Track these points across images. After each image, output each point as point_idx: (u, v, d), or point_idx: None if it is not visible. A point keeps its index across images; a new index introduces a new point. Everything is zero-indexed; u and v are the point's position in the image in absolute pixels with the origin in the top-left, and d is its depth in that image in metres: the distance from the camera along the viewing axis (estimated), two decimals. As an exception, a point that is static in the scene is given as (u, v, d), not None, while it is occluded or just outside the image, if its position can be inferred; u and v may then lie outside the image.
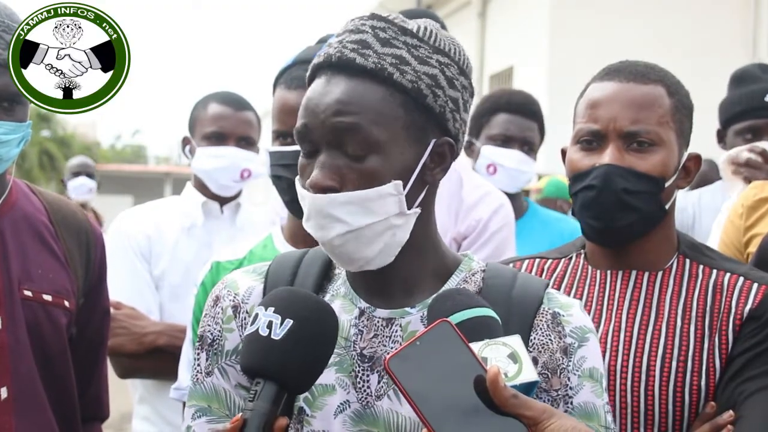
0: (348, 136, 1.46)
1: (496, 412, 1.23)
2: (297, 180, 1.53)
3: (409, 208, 1.50)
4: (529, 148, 3.50)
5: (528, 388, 1.34)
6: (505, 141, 3.48)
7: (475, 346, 1.33)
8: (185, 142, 3.31)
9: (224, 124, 3.21)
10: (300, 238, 2.33)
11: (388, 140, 1.47)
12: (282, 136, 2.31)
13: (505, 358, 1.35)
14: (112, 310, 2.96)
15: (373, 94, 1.47)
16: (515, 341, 1.37)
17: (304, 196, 1.49)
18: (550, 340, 1.51)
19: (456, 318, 1.37)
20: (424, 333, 1.26)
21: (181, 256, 3.10)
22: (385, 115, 1.47)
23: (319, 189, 1.46)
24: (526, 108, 3.52)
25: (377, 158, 1.46)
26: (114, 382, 2.48)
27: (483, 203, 2.86)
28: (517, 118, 3.49)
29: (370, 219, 1.47)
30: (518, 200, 3.56)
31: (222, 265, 2.41)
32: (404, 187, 1.48)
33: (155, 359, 2.92)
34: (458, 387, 1.23)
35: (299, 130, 1.50)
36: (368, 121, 1.46)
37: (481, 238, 2.83)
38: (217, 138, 3.21)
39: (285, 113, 2.29)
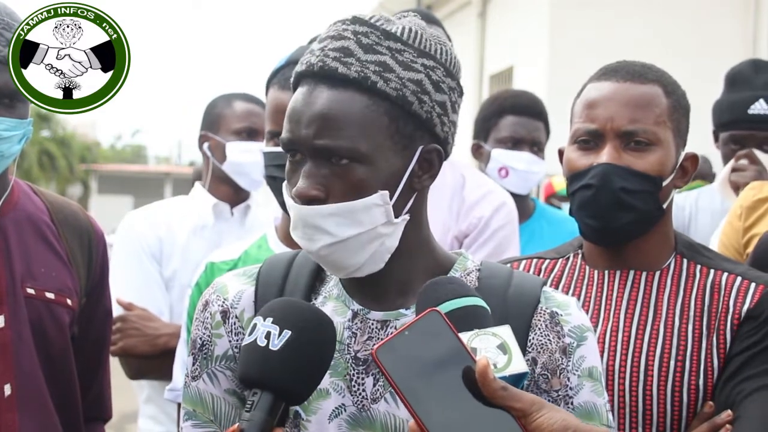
0: (333, 150, 1.45)
1: (485, 404, 1.21)
2: (284, 187, 1.53)
3: (397, 216, 1.49)
4: (538, 148, 3.52)
5: (518, 379, 1.33)
6: (514, 143, 3.50)
7: (465, 336, 1.32)
8: (204, 139, 3.30)
9: (256, 121, 3.24)
10: None
11: (373, 150, 1.45)
12: (276, 136, 2.31)
13: (495, 349, 1.34)
14: (124, 311, 2.98)
15: (356, 104, 1.45)
16: (505, 332, 1.36)
17: (291, 206, 1.49)
18: (549, 340, 1.51)
19: (446, 307, 1.36)
20: (414, 322, 1.24)
21: (192, 257, 3.09)
22: (370, 125, 1.45)
23: (305, 199, 1.46)
24: (532, 109, 3.54)
25: (363, 168, 1.45)
26: (115, 382, 2.48)
27: (485, 201, 2.87)
28: (524, 119, 3.51)
29: (356, 230, 1.46)
30: (526, 201, 3.59)
31: (216, 266, 2.41)
32: (391, 197, 1.47)
33: (167, 361, 2.91)
34: (447, 378, 1.22)
35: (284, 141, 1.49)
36: (352, 135, 1.44)
37: (482, 236, 2.83)
38: (248, 134, 3.23)
39: (279, 113, 2.29)
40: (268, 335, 1.35)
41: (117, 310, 3.00)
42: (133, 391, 3.35)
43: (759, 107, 3.09)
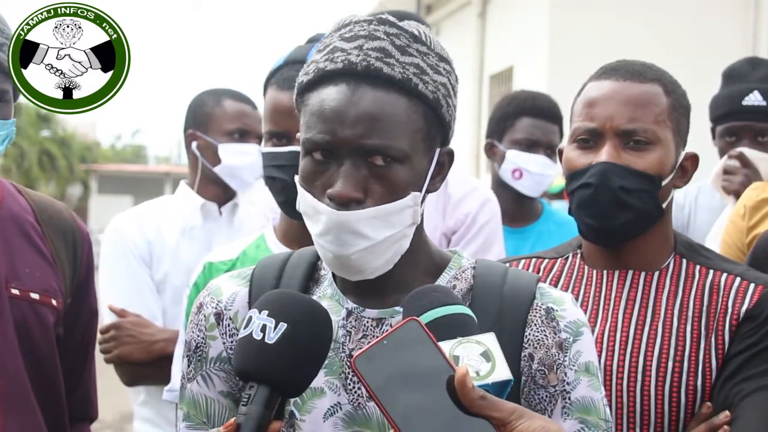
0: (382, 150, 1.44)
1: (465, 413, 1.20)
2: (302, 187, 1.50)
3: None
4: (552, 151, 3.52)
5: (502, 387, 1.32)
6: (530, 146, 3.50)
7: (447, 345, 1.31)
8: (192, 137, 3.23)
9: (248, 122, 3.20)
10: (293, 237, 2.33)
11: (410, 152, 1.46)
12: (275, 136, 2.31)
13: (478, 357, 1.33)
14: (117, 318, 2.96)
15: (399, 106, 1.45)
16: (489, 339, 1.35)
17: (321, 211, 1.46)
18: (545, 335, 1.51)
19: (430, 315, 1.36)
20: (392, 332, 1.24)
21: (183, 258, 3.07)
22: (410, 127, 1.46)
23: (345, 200, 1.44)
24: (550, 112, 3.54)
25: (403, 169, 1.46)
26: (114, 382, 2.47)
27: (470, 197, 2.90)
28: (542, 122, 3.51)
29: (389, 231, 1.47)
30: (535, 203, 3.60)
31: (215, 266, 2.41)
32: (420, 198, 1.49)
33: (163, 366, 2.87)
34: (426, 387, 1.21)
35: (321, 143, 1.46)
36: (398, 136, 1.44)
37: (470, 231, 2.86)
38: (241, 135, 3.19)
39: (278, 114, 2.29)
40: (263, 328, 1.34)
41: (110, 317, 2.98)
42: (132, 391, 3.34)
43: (753, 98, 3.10)
